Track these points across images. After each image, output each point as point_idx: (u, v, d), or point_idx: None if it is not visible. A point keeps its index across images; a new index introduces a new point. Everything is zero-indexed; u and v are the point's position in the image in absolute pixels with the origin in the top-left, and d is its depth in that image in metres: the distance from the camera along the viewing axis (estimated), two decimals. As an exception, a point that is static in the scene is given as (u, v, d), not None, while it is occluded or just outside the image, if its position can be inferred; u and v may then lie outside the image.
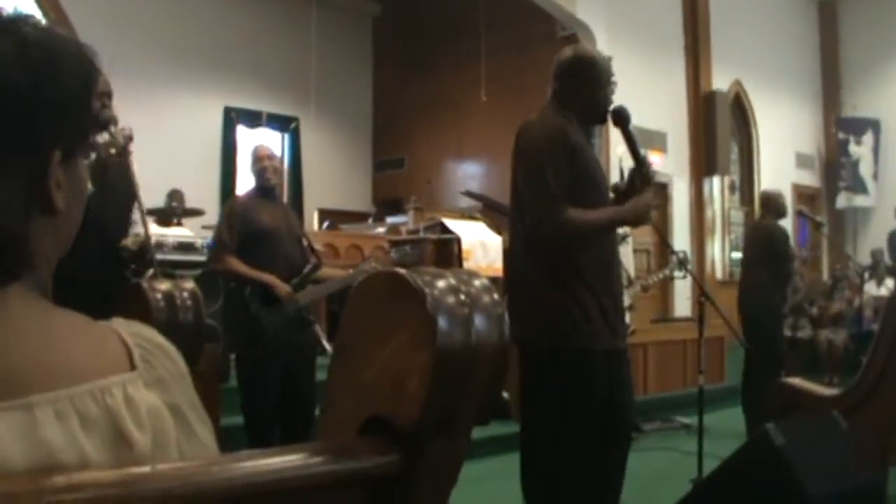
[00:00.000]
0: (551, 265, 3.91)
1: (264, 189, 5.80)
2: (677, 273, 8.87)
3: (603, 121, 4.20)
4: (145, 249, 4.57)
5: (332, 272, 6.08)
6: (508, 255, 5.17)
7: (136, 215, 4.91)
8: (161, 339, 1.06)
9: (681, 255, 7.22)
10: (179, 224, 9.17)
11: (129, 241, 4.47)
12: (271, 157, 5.86)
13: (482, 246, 9.13)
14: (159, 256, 4.66)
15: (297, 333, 5.62)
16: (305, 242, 5.99)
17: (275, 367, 5.48)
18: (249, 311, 5.53)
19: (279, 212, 5.80)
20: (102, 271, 4.24)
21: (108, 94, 4.47)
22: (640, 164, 4.10)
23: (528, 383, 3.94)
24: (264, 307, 5.53)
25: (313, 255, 5.98)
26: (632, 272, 8.95)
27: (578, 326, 3.81)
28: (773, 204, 8.35)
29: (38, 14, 1.07)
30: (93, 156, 4.48)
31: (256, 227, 5.60)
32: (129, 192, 4.71)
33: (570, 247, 3.88)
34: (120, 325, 1.04)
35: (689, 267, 7.13)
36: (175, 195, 10.21)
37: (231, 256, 5.58)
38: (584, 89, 4.05)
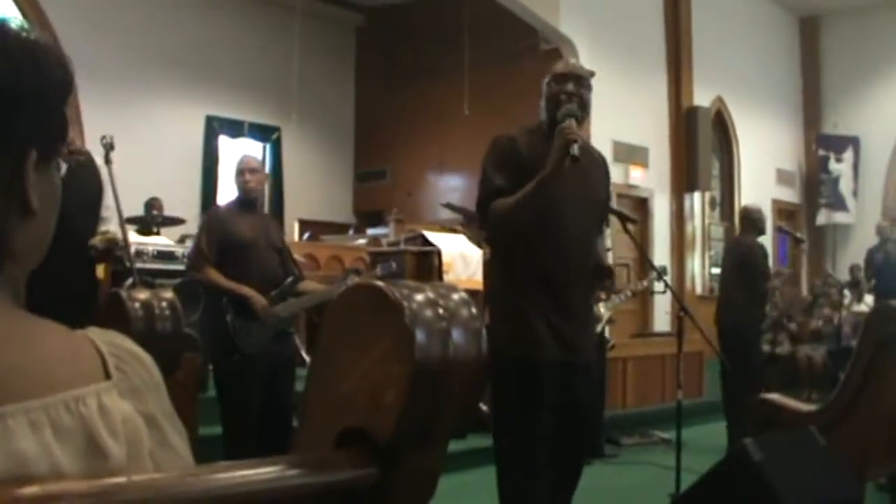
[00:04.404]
0: (500, 276, 4.15)
1: (246, 201, 5.78)
2: (657, 286, 8.89)
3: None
4: (112, 247, 4.58)
5: (314, 285, 6.07)
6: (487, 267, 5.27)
7: (106, 213, 4.92)
8: (136, 348, 1.06)
9: (659, 268, 7.24)
10: (159, 233, 9.14)
11: (96, 240, 4.47)
12: (254, 170, 5.81)
13: (462, 258, 9.12)
14: (138, 265, 4.63)
15: (277, 344, 5.61)
16: (287, 254, 5.97)
17: (254, 377, 5.47)
18: (226, 322, 5.53)
19: (259, 223, 5.78)
20: (71, 269, 4.24)
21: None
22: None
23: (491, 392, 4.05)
24: (241, 318, 5.52)
25: (295, 268, 5.97)
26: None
27: (521, 336, 3.93)
28: (752, 220, 8.37)
29: (22, 22, 1.07)
30: (63, 167, 4.48)
31: (234, 238, 5.59)
32: (95, 191, 4.73)
33: (511, 255, 4.06)
34: (95, 333, 1.04)
35: (666, 277, 7.13)
36: (153, 204, 10.19)
37: (209, 266, 5.57)
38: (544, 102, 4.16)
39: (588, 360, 4.18)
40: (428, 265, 8.95)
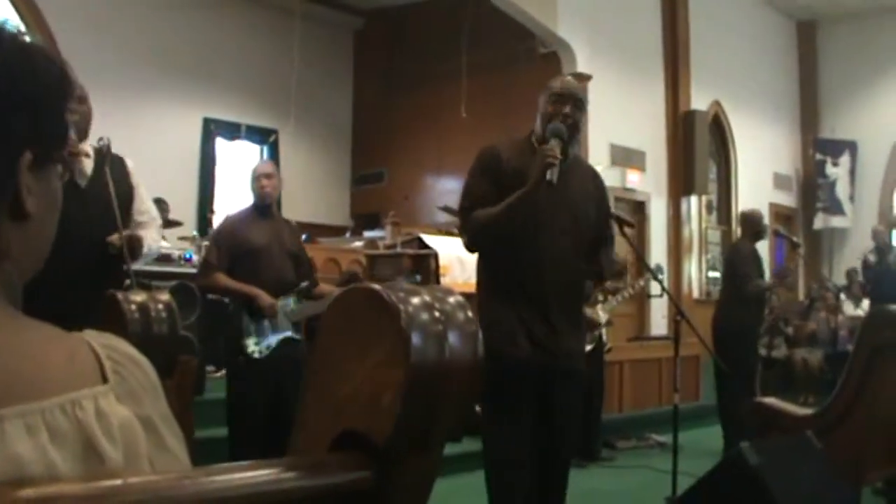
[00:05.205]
0: (484, 276, 4.27)
1: (261, 207, 5.83)
2: (654, 288, 8.88)
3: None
4: (136, 245, 4.58)
5: (329, 288, 6.10)
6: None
7: (141, 217, 4.95)
8: (133, 351, 1.05)
9: (655, 267, 7.26)
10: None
11: (114, 237, 4.47)
12: (270, 175, 5.87)
13: (459, 261, 9.11)
14: (134, 267, 4.59)
15: (286, 349, 5.63)
16: (303, 259, 6.00)
17: (262, 382, 5.49)
18: (235, 325, 5.56)
19: (272, 229, 5.82)
20: (104, 274, 4.27)
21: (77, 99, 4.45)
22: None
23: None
24: (253, 320, 5.54)
25: (312, 272, 6.01)
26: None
27: (497, 333, 3.95)
28: (748, 224, 8.45)
29: (20, 24, 1.07)
30: (67, 174, 4.45)
31: (246, 245, 5.65)
32: (125, 193, 4.76)
33: (490, 262, 4.20)
34: (91, 336, 1.03)
35: (661, 277, 7.14)
36: (161, 205, 10.18)
37: (217, 273, 5.61)
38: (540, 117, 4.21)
39: (569, 368, 4.14)
40: (425, 268, 8.95)
